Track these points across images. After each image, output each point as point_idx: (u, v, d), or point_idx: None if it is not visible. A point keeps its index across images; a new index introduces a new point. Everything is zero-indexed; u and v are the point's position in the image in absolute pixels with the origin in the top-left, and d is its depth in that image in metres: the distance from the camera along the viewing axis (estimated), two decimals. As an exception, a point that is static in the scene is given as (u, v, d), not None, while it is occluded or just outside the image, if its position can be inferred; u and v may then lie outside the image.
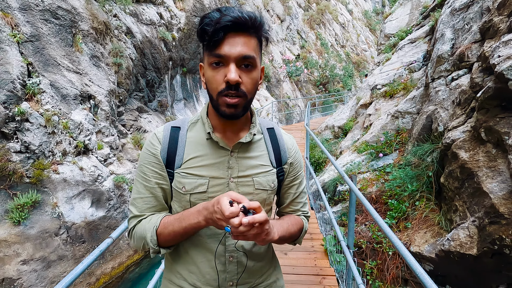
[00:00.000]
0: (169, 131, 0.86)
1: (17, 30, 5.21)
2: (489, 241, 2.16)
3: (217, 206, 0.69)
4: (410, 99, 4.57)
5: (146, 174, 0.85)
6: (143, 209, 0.86)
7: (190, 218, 0.78)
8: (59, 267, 4.85)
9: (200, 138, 0.85)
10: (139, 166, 0.87)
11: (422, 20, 6.80)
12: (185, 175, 0.83)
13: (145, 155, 0.86)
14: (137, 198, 0.86)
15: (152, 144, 0.86)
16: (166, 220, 0.82)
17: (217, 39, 0.72)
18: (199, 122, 0.88)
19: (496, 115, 2.38)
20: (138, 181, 0.87)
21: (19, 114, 4.80)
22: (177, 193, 0.84)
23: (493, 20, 2.94)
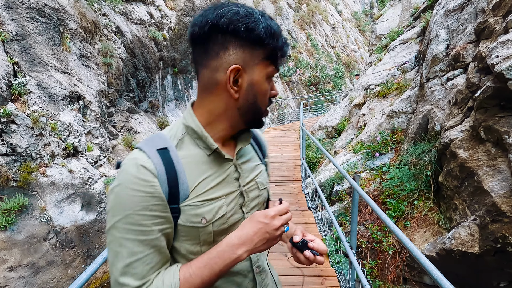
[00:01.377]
0: (158, 156, 0.64)
1: (1, 29, 5.01)
2: (491, 239, 2.18)
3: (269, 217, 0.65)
4: (404, 99, 4.61)
5: (143, 224, 0.61)
6: (145, 274, 0.61)
7: (225, 257, 0.64)
8: (48, 273, 4.69)
9: (199, 156, 0.70)
10: (126, 218, 0.60)
11: (413, 21, 6.90)
12: (201, 203, 0.67)
13: (137, 199, 0.60)
14: (133, 262, 0.61)
15: (143, 181, 0.61)
16: (186, 273, 0.64)
17: (285, 56, 0.70)
18: (187, 138, 0.71)
19: (495, 114, 2.41)
20: (127, 240, 0.60)
21: (5, 116, 4.62)
22: (192, 230, 0.67)
23: (488, 21, 2.99)
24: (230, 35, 0.65)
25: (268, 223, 0.64)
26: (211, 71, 0.67)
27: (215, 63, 0.67)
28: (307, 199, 4.79)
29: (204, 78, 0.69)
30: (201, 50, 0.68)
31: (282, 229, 0.66)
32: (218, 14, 0.64)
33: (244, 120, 0.72)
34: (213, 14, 0.64)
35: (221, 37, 0.65)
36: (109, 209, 0.63)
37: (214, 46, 0.66)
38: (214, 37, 0.65)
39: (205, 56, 0.68)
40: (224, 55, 0.66)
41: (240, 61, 0.66)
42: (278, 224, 0.65)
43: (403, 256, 3.02)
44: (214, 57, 0.66)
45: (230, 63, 0.66)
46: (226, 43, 0.65)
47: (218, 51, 0.66)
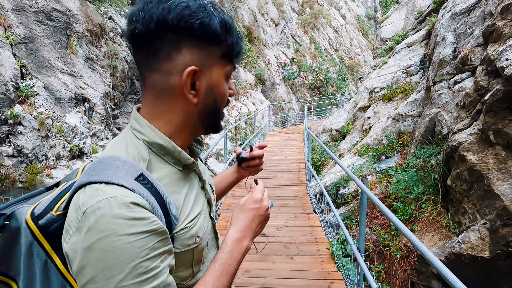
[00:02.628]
0: (142, 187, 0.53)
1: (10, 32, 5.07)
2: (502, 244, 2.15)
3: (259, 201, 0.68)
4: (411, 102, 4.60)
5: (154, 267, 0.50)
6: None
7: (234, 255, 0.62)
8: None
9: (172, 174, 0.62)
10: (134, 270, 0.47)
11: (417, 25, 6.90)
12: (191, 223, 0.61)
13: (141, 244, 0.48)
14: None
15: (143, 220, 0.49)
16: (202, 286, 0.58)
17: (241, 52, 0.62)
18: (154, 156, 0.60)
19: (505, 117, 2.39)
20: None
21: (12, 117, 4.66)
22: (185, 254, 0.61)
23: (497, 24, 2.98)
24: (183, 33, 0.56)
25: (259, 207, 0.66)
26: (163, 75, 0.58)
27: (167, 66, 0.57)
28: (312, 202, 4.77)
29: (155, 84, 0.59)
30: (147, 51, 0.57)
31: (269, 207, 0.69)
32: (165, 9, 0.54)
33: (204, 126, 0.65)
34: (158, 8, 0.54)
35: (172, 35, 0.56)
36: (96, 274, 0.46)
37: (163, 46, 0.56)
38: (163, 36, 0.56)
39: (153, 59, 0.57)
40: (178, 56, 0.57)
41: (196, 61, 0.58)
42: (267, 204, 0.68)
43: (411, 260, 2.99)
44: (165, 59, 0.57)
45: (185, 65, 0.57)
46: (179, 42, 0.56)
47: (170, 52, 0.56)
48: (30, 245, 0.54)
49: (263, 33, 16.17)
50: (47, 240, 0.53)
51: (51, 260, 0.54)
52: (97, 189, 0.49)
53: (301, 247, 3.47)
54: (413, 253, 3.01)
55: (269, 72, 15.24)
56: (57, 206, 0.55)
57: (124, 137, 0.61)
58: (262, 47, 15.78)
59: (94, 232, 0.46)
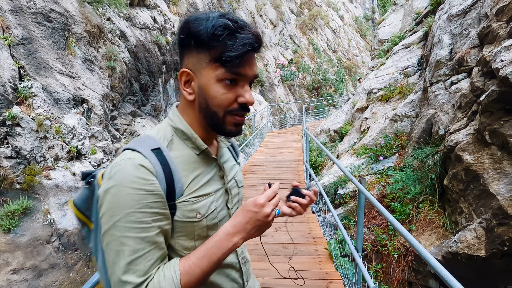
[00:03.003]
0: (154, 156, 0.67)
1: (8, 33, 5.07)
2: (498, 243, 2.18)
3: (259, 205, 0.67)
4: (408, 103, 4.63)
5: (143, 221, 0.63)
6: (147, 270, 0.63)
7: (221, 246, 0.66)
8: (50, 276, 4.68)
9: (189, 156, 0.73)
10: (127, 216, 0.61)
11: (415, 26, 6.94)
12: (195, 199, 0.71)
13: (136, 197, 0.62)
14: (135, 259, 0.62)
15: (143, 180, 0.63)
16: (186, 265, 0.66)
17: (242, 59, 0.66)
18: (176, 139, 0.74)
19: (500, 118, 2.42)
20: (128, 238, 0.62)
21: (10, 119, 4.65)
22: (187, 225, 0.71)
23: (492, 26, 3.01)
24: (185, 42, 0.69)
25: (258, 211, 0.67)
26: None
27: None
28: (310, 203, 4.78)
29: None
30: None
31: (273, 214, 0.68)
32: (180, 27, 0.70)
33: (208, 123, 0.73)
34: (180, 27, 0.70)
35: (181, 45, 0.71)
36: (106, 210, 0.62)
37: (180, 55, 0.74)
38: (179, 48, 0.73)
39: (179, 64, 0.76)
40: (183, 61, 0.72)
41: (190, 65, 0.70)
42: (268, 211, 0.67)
43: (409, 260, 3.01)
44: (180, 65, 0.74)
45: (184, 67, 0.71)
46: (184, 50, 0.71)
47: (181, 59, 0.73)
48: (97, 197, 0.68)
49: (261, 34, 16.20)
50: None
51: None
52: (124, 153, 0.67)
53: (300, 247, 3.48)
54: (411, 253, 3.03)
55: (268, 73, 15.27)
56: None
57: (163, 123, 0.78)
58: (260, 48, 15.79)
59: (111, 181, 0.63)
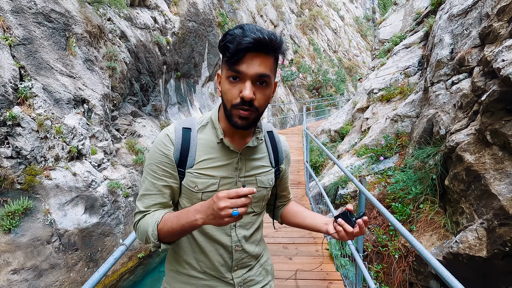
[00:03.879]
0: (181, 132, 0.90)
1: (9, 33, 5.07)
2: (499, 243, 2.17)
3: (217, 198, 0.73)
4: (409, 103, 4.62)
5: (156, 172, 0.89)
6: (148, 205, 0.89)
7: (188, 216, 0.79)
8: (51, 276, 4.68)
9: (211, 141, 0.91)
10: (149, 164, 0.90)
11: (415, 26, 6.93)
12: (197, 175, 0.89)
13: (156, 155, 0.89)
14: (145, 194, 0.90)
15: (164, 144, 0.89)
16: (167, 216, 0.84)
17: (236, 58, 0.78)
18: (209, 126, 0.93)
19: (501, 118, 2.41)
20: (146, 178, 0.90)
21: (11, 119, 4.65)
22: (188, 191, 0.91)
23: (493, 25, 3.00)
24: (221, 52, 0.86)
25: (214, 202, 0.73)
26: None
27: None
28: (311, 203, 4.77)
29: None
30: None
31: (227, 211, 0.71)
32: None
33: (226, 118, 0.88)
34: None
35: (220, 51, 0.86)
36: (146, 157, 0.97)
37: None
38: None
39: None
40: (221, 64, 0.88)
41: (222, 68, 0.87)
42: (222, 206, 0.71)
43: (409, 260, 3.00)
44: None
45: (219, 71, 0.89)
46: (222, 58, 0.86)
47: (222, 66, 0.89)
48: None
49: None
50: None
51: None
52: (170, 125, 0.94)
53: (300, 248, 3.48)
54: (412, 253, 3.02)
55: (268, 73, 15.22)
56: None
57: (210, 111, 0.97)
58: (261, 48, 15.77)
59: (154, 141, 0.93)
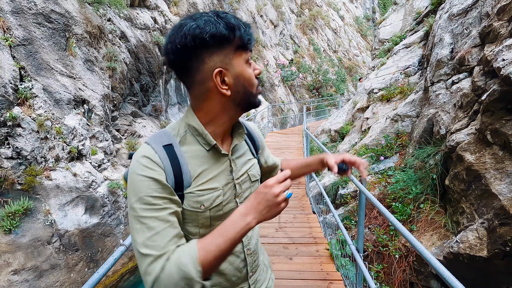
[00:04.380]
0: (164, 151, 0.75)
1: (9, 34, 5.07)
2: (500, 243, 2.16)
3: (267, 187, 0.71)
4: (409, 102, 4.62)
5: (155, 204, 0.70)
6: (164, 245, 0.68)
7: (236, 226, 0.69)
8: (51, 277, 4.68)
9: (199, 151, 0.80)
10: (139, 200, 0.70)
11: (415, 26, 6.93)
12: (200, 192, 0.78)
13: (146, 183, 0.71)
14: (151, 236, 0.68)
15: (151, 170, 0.72)
16: (202, 243, 0.69)
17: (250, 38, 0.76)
18: (188, 135, 0.80)
19: (502, 117, 2.40)
20: (144, 218, 0.69)
21: (11, 119, 4.65)
22: (192, 213, 0.78)
23: (493, 25, 3.00)
24: (201, 48, 0.72)
25: (267, 192, 0.71)
26: (200, 84, 0.76)
27: (200, 77, 0.75)
28: (311, 203, 4.77)
29: (195, 91, 0.79)
30: (183, 71, 0.77)
31: (283, 195, 0.71)
32: (182, 36, 0.71)
33: (241, 108, 0.81)
34: (179, 37, 0.72)
35: (194, 53, 0.73)
36: (127, 193, 0.74)
37: (192, 64, 0.74)
38: (188, 56, 0.73)
39: (189, 74, 0.76)
40: (204, 66, 0.74)
41: (219, 63, 0.74)
42: (277, 191, 0.71)
43: (410, 260, 2.99)
44: (197, 72, 0.75)
45: (211, 70, 0.74)
46: (201, 55, 0.73)
47: (198, 66, 0.74)
48: None
49: (262, 34, 16.21)
50: None
51: None
52: (143, 146, 0.77)
53: (300, 248, 3.47)
54: (412, 253, 3.02)
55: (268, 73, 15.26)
56: None
57: (180, 119, 0.84)
58: (261, 48, 15.80)
59: (129, 168, 0.75)
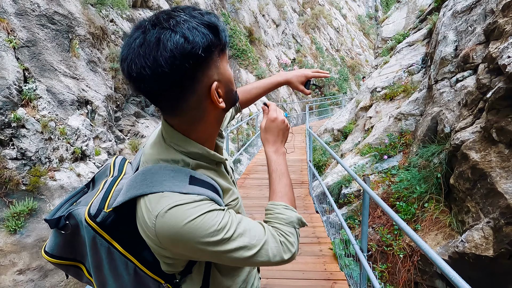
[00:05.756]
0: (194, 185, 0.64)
1: (13, 36, 5.11)
2: (506, 242, 2.14)
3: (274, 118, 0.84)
4: (412, 101, 4.58)
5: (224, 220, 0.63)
6: (259, 227, 0.68)
7: (279, 161, 0.81)
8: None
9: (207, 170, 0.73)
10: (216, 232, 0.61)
11: (419, 24, 6.87)
12: (234, 203, 0.78)
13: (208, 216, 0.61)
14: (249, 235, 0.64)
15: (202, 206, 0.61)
16: (276, 195, 0.76)
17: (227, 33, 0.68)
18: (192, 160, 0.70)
19: (507, 115, 2.38)
20: (232, 236, 0.62)
21: (15, 120, 4.69)
22: None
23: (498, 22, 2.96)
24: (194, 67, 0.58)
25: (277, 123, 0.83)
26: (195, 108, 0.64)
27: (195, 99, 0.63)
28: (314, 202, 4.76)
29: (188, 117, 0.66)
30: (170, 99, 0.61)
31: (285, 119, 0.85)
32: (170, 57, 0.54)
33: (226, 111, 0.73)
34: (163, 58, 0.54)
35: (187, 75, 0.58)
36: (194, 244, 0.60)
37: (185, 88, 0.60)
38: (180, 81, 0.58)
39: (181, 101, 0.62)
40: (199, 85, 0.61)
41: (212, 76, 0.62)
42: (282, 118, 0.84)
43: (414, 260, 2.97)
44: (191, 96, 0.62)
45: (207, 86, 0.62)
46: (195, 75, 0.59)
47: (193, 87, 0.61)
48: (93, 237, 0.66)
49: (264, 34, 16.18)
50: (106, 232, 0.65)
51: (112, 246, 0.67)
52: (163, 196, 0.60)
53: (304, 248, 3.46)
54: (417, 253, 3.00)
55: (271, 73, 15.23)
56: (107, 204, 0.67)
57: (163, 148, 0.69)
58: (263, 48, 15.78)
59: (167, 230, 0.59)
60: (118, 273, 0.71)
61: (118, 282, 0.73)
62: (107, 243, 0.66)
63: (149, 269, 0.69)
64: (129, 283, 0.71)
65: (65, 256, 0.76)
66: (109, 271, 0.71)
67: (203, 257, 0.66)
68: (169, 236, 0.59)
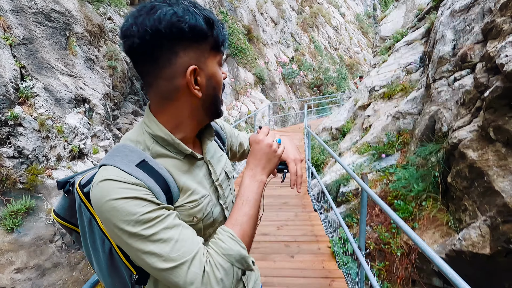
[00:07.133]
0: (140, 170, 0.62)
1: (9, 33, 5.07)
2: (503, 240, 2.15)
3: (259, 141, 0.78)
4: (410, 100, 4.60)
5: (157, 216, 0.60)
6: (192, 244, 0.61)
7: (251, 188, 0.73)
8: (54, 275, 4.70)
9: (174, 161, 0.70)
10: (136, 222, 0.57)
11: (417, 23, 6.88)
12: (191, 205, 0.69)
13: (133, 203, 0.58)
14: (173, 246, 0.59)
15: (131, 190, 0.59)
16: (230, 221, 0.68)
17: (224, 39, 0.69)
18: (158, 146, 0.69)
19: (505, 114, 2.39)
20: (153, 236, 0.58)
21: (12, 119, 4.66)
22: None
23: (496, 21, 2.97)
24: (176, 38, 0.61)
25: (261, 146, 0.77)
26: (167, 80, 0.65)
27: (169, 71, 0.64)
28: (312, 201, 4.77)
29: (161, 88, 0.66)
30: (148, 60, 0.63)
31: (275, 143, 0.79)
32: (156, 20, 0.59)
33: (208, 114, 0.73)
34: (150, 20, 0.60)
35: (167, 42, 0.61)
36: (106, 227, 0.61)
37: (161, 54, 0.62)
38: (159, 44, 0.61)
39: (156, 66, 0.63)
40: (176, 60, 0.63)
41: (194, 60, 0.64)
42: (270, 141, 0.78)
43: (412, 258, 2.99)
44: (166, 66, 0.63)
45: (185, 66, 0.64)
46: (175, 47, 0.62)
47: (170, 58, 0.63)
48: (79, 205, 0.69)
49: (262, 32, 16.16)
50: (90, 204, 0.67)
51: (94, 218, 0.68)
52: (101, 170, 0.63)
53: (302, 246, 3.47)
54: (414, 251, 3.01)
55: (269, 71, 15.22)
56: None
57: (137, 128, 0.72)
58: (261, 46, 15.76)
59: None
60: (95, 247, 0.71)
61: (95, 257, 0.74)
62: (90, 214, 0.68)
63: (122, 254, 0.68)
64: (103, 261, 0.71)
65: (68, 219, 0.79)
66: (89, 243, 0.72)
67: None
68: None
